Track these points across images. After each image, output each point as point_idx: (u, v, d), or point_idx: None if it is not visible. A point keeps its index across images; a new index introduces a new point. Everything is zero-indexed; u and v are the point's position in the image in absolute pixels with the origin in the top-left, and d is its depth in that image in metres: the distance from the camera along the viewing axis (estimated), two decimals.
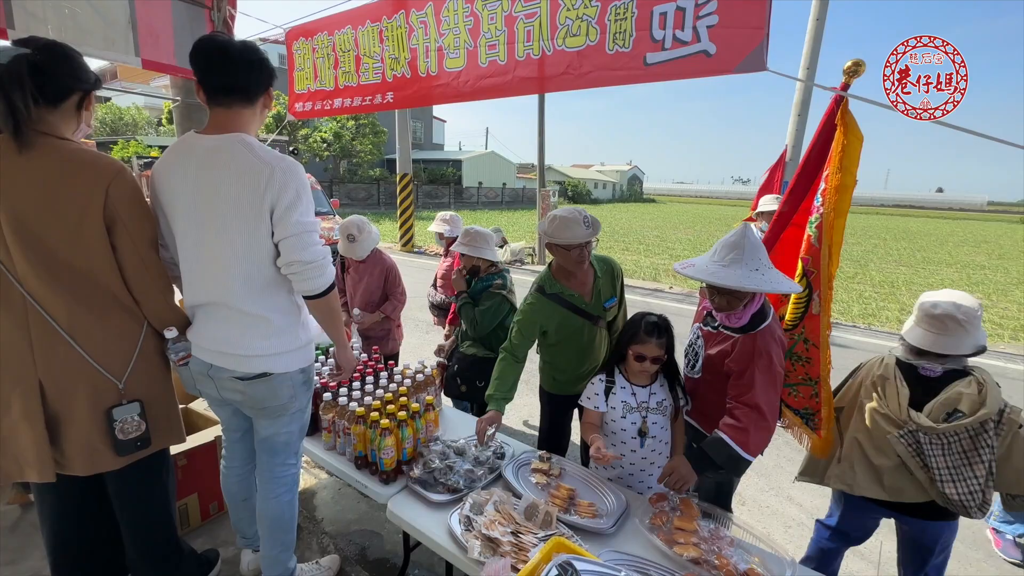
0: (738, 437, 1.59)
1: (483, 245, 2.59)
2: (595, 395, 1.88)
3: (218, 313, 1.52)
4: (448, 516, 1.58)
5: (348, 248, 2.91)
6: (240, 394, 1.57)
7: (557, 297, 2.10)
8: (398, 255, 11.30)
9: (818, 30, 6.14)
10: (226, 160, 1.42)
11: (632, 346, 1.79)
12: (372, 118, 23.74)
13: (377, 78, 2.84)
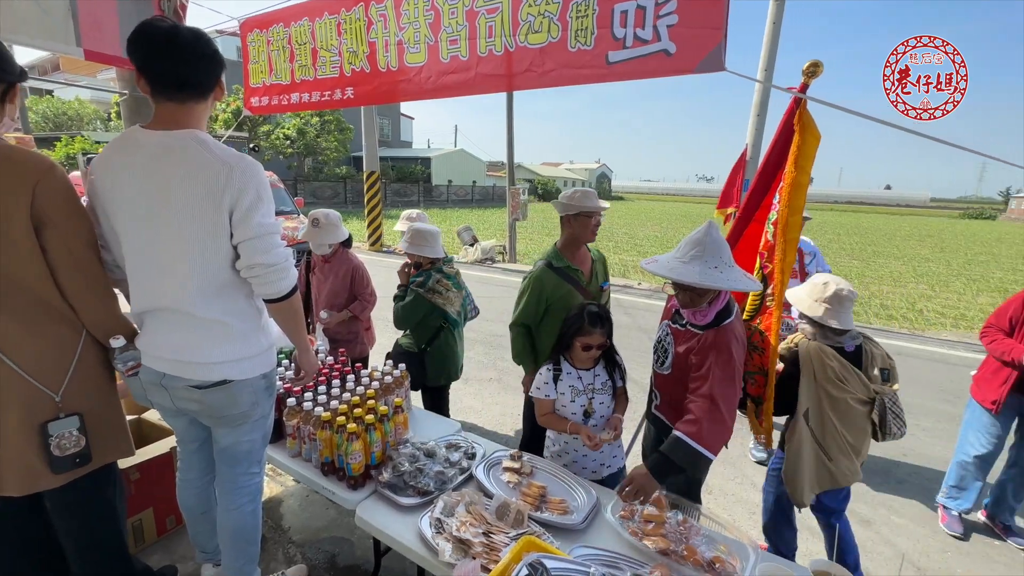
0: (690, 429, 1.60)
1: (421, 243, 2.62)
2: (545, 384, 1.95)
3: (171, 319, 1.43)
4: (419, 519, 1.56)
5: (310, 234, 2.83)
6: (197, 403, 1.49)
7: (563, 272, 2.29)
8: (367, 255, 11.08)
9: (774, 33, 6.35)
10: (179, 159, 1.33)
11: (579, 337, 1.87)
12: (337, 114, 23.18)
13: (335, 72, 2.77)
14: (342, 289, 2.93)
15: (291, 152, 22.18)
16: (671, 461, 1.61)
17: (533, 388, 2.00)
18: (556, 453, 2.05)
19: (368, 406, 1.85)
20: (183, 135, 1.36)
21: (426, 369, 2.76)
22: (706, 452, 1.59)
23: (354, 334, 3.03)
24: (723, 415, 1.62)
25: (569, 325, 1.91)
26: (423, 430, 2.15)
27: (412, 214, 3.57)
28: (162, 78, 1.35)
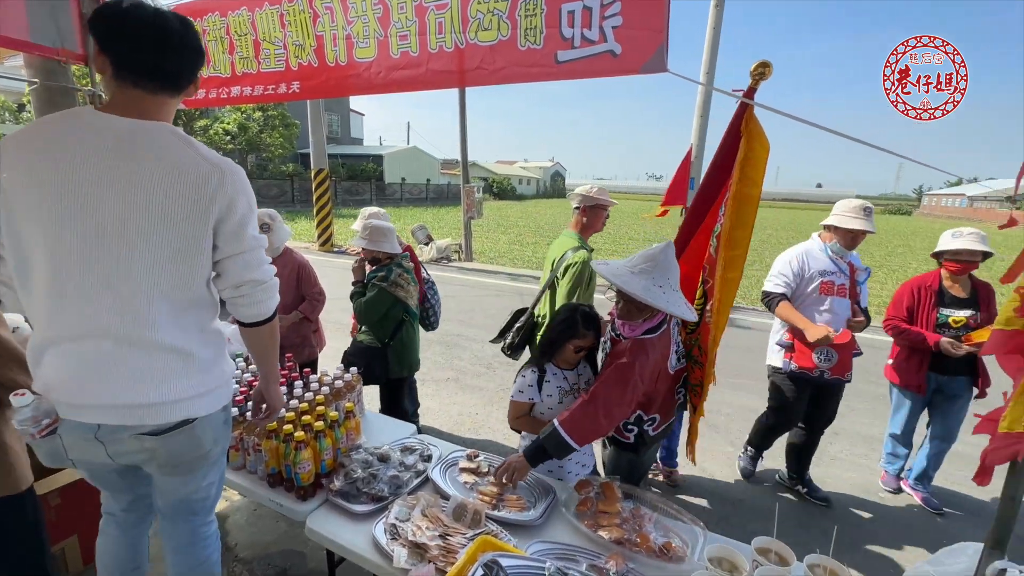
0: (562, 417, 1.66)
1: (379, 239, 2.62)
2: (528, 387, 1.93)
3: (113, 353, 1.15)
4: (372, 526, 1.52)
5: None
6: (148, 453, 1.26)
7: (589, 251, 2.56)
8: (317, 255, 10.68)
9: (715, 38, 6.66)
10: (156, 153, 1.13)
11: (573, 340, 1.84)
12: (282, 109, 22.16)
13: (280, 66, 2.64)
14: (288, 289, 2.81)
15: (231, 148, 20.99)
16: (542, 447, 1.67)
17: (515, 391, 1.94)
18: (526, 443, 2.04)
19: (318, 412, 1.78)
20: (157, 127, 1.17)
21: (389, 363, 2.77)
22: (569, 440, 1.62)
23: (303, 337, 2.92)
24: (596, 412, 1.65)
25: (562, 328, 1.86)
26: (377, 434, 2.10)
27: (372, 211, 3.45)
28: (139, 65, 1.15)
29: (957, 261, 2.64)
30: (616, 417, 1.72)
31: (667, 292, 1.67)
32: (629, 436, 1.95)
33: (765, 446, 3.12)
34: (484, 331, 5.99)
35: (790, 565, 1.37)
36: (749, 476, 3.16)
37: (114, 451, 1.25)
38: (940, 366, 2.70)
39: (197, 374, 1.26)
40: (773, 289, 2.72)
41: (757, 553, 1.39)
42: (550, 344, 1.90)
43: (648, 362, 1.72)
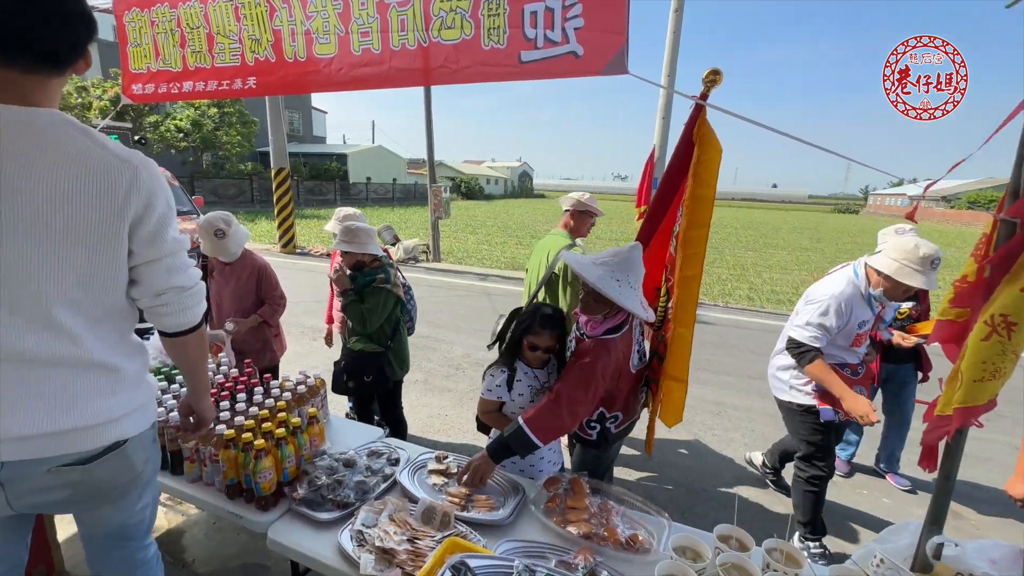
0: (526, 415, 1.68)
1: (366, 240, 2.54)
2: (497, 386, 1.92)
3: (24, 375, 1.01)
4: (338, 534, 1.48)
5: (216, 247, 2.57)
6: (70, 487, 1.11)
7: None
8: (278, 257, 10.34)
9: (675, 42, 6.84)
10: (54, 147, 0.98)
11: (527, 337, 1.85)
12: (239, 106, 21.31)
13: (235, 60, 2.54)
14: (247, 293, 2.70)
15: (185, 146, 20.04)
16: (507, 444, 1.69)
17: (484, 389, 1.94)
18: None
19: (279, 419, 1.72)
20: (47, 116, 1.00)
21: (392, 367, 2.74)
22: (534, 438, 1.65)
23: (263, 342, 2.82)
24: (561, 410, 1.68)
25: (520, 323, 1.89)
26: (343, 440, 2.05)
27: (349, 213, 3.31)
28: (10, 38, 0.96)
29: None
30: (579, 415, 1.74)
31: (623, 287, 1.70)
32: (592, 433, 1.98)
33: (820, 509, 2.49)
34: (453, 332, 5.95)
35: (749, 550, 1.42)
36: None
37: (17, 494, 1.07)
38: (888, 355, 2.89)
39: (126, 390, 1.15)
40: (809, 342, 2.25)
41: (719, 540, 1.44)
42: (512, 342, 1.92)
43: (610, 361, 1.75)
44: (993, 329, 1.36)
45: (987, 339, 1.37)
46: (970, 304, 1.45)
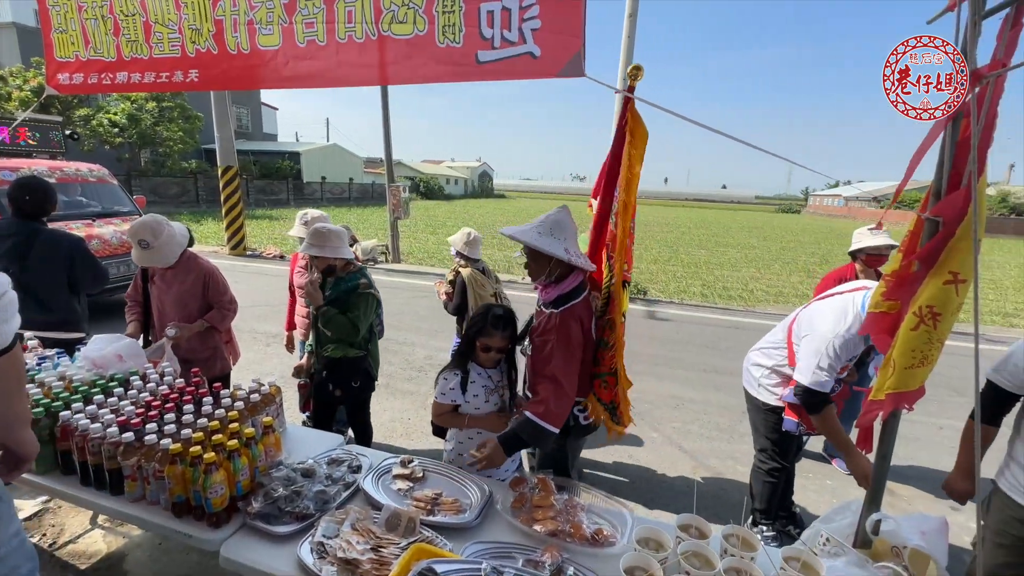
0: (537, 410, 1.76)
1: (339, 244, 2.44)
2: (451, 389, 1.91)
3: None
4: (297, 547, 1.42)
5: (143, 257, 2.41)
6: None
7: None
8: (228, 259, 9.84)
9: (629, 47, 7.02)
10: None
11: (480, 339, 1.86)
12: (181, 100, 20.08)
13: (176, 51, 2.39)
14: (192, 298, 2.55)
15: (121, 142, 18.70)
16: (520, 438, 1.76)
17: (438, 393, 1.93)
18: (450, 457, 2.02)
19: (231, 430, 1.64)
20: None
21: (371, 372, 2.71)
22: (551, 428, 1.76)
23: (212, 349, 2.66)
24: (566, 392, 1.80)
25: (475, 328, 1.88)
26: (301, 449, 1.98)
27: (316, 215, 3.14)
28: None
29: (879, 255, 2.96)
30: (576, 384, 1.85)
31: (555, 240, 1.83)
32: None
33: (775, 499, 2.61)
34: (414, 334, 5.86)
35: (708, 537, 1.48)
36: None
37: None
38: None
39: None
40: (817, 388, 2.11)
41: (679, 530, 1.48)
42: (466, 345, 1.92)
43: (577, 330, 1.87)
44: (921, 320, 1.47)
45: (916, 329, 1.48)
46: (899, 297, 1.57)
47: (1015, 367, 1.71)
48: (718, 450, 3.59)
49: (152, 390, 1.94)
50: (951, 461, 3.74)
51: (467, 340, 1.91)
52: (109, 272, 5.38)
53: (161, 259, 2.42)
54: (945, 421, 4.16)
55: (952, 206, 1.37)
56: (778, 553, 1.42)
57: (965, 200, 1.36)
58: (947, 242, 1.40)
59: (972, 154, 1.26)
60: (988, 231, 29.77)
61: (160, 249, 2.39)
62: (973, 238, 1.31)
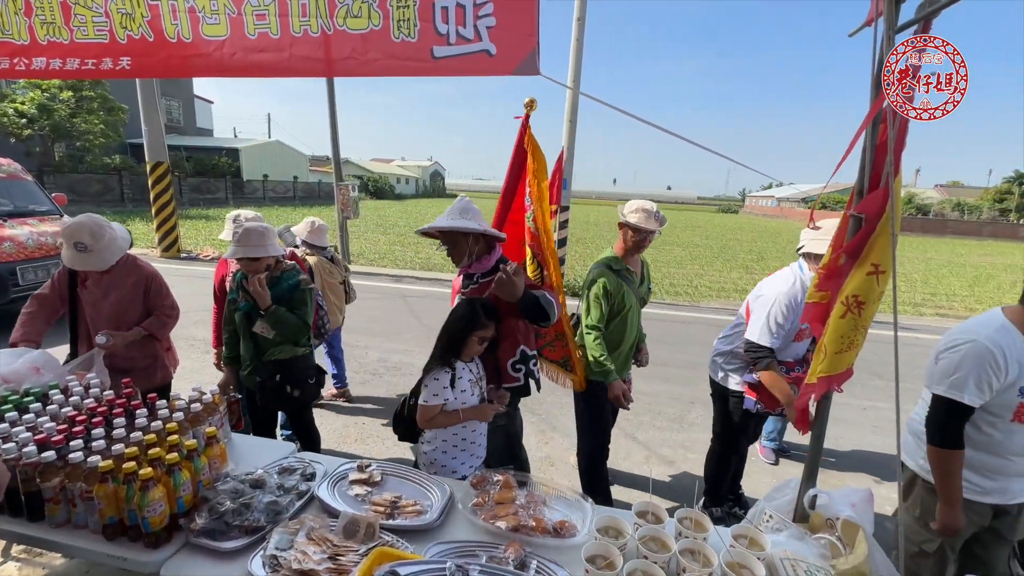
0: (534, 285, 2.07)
1: (273, 239, 2.35)
2: (443, 389, 1.89)
3: None
4: (248, 562, 1.35)
5: (77, 260, 2.19)
6: None
7: (622, 273, 2.56)
8: (160, 263, 9.16)
9: (579, 49, 7.18)
10: None
11: (477, 331, 1.88)
12: (102, 89, 18.46)
13: (102, 36, 2.20)
14: (131, 306, 2.34)
15: (30, 134, 16.93)
16: (539, 302, 1.94)
17: (428, 396, 1.88)
18: (431, 459, 1.98)
19: (170, 442, 1.53)
20: None
21: (320, 367, 2.68)
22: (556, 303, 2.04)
23: (152, 358, 2.46)
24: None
25: (465, 321, 1.88)
26: (249, 459, 1.87)
27: (243, 215, 2.95)
28: None
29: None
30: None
31: (468, 221, 2.03)
32: (518, 376, 2.11)
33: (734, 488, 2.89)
34: (367, 336, 5.70)
35: (664, 522, 1.54)
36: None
37: None
38: None
39: None
40: (763, 342, 2.37)
41: (637, 517, 1.53)
42: (454, 341, 1.90)
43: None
44: (848, 308, 1.60)
45: (844, 317, 1.61)
46: (830, 288, 1.70)
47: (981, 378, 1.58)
48: (669, 439, 3.74)
49: (76, 404, 1.77)
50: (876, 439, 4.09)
51: (457, 337, 1.90)
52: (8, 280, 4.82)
53: (98, 264, 2.21)
54: (868, 403, 4.55)
55: (873, 203, 1.50)
56: (727, 532, 1.50)
57: (884, 198, 1.49)
58: (869, 237, 1.53)
59: (889, 156, 1.39)
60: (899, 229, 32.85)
61: (100, 253, 2.19)
62: (891, 232, 1.44)
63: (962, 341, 1.64)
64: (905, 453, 1.86)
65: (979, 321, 1.70)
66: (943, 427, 1.66)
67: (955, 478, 1.66)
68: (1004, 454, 1.68)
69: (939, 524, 1.69)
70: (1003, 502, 1.71)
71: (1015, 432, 1.64)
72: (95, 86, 18.13)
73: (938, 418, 1.67)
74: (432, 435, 1.99)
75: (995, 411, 1.64)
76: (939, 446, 1.66)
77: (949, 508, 1.68)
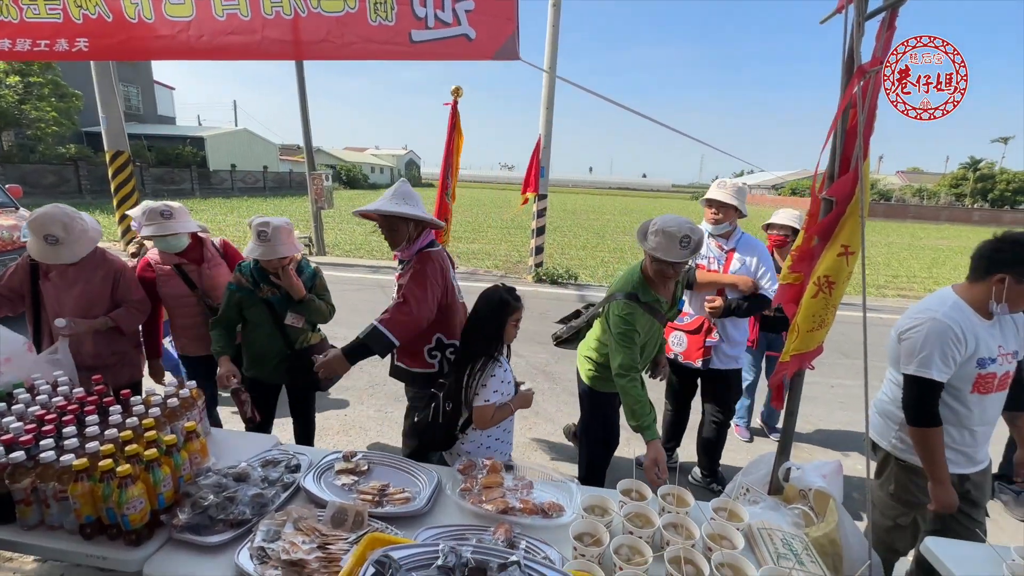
0: (382, 318, 1.94)
1: (293, 236, 2.32)
2: (503, 384, 1.91)
3: None
4: (235, 555, 1.33)
5: (49, 253, 2.09)
6: None
7: (649, 306, 2.07)
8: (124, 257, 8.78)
9: (555, 35, 7.14)
10: None
11: (513, 317, 1.93)
12: (53, 75, 17.44)
13: (56, 16, 2.08)
14: (99, 299, 2.24)
15: None
16: (365, 345, 1.91)
17: (491, 394, 1.86)
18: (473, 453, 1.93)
19: (148, 438, 1.49)
20: None
21: None
22: (390, 336, 1.91)
23: (120, 355, 2.37)
24: (411, 308, 1.95)
25: (500, 310, 1.91)
26: (231, 453, 1.84)
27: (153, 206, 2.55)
28: None
29: (780, 234, 3.21)
30: (423, 313, 1.98)
31: (401, 205, 2.01)
32: (433, 363, 2.16)
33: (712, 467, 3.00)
34: (345, 328, 5.59)
35: (647, 499, 1.59)
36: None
37: None
38: (767, 325, 3.27)
39: None
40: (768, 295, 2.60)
41: (622, 494, 1.58)
42: (494, 332, 1.91)
43: (435, 266, 2.05)
44: (819, 288, 1.66)
45: (816, 296, 1.68)
46: (802, 270, 1.76)
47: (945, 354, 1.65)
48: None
49: (44, 403, 1.71)
50: (843, 415, 4.27)
51: (495, 327, 1.90)
52: None
53: (68, 257, 2.11)
54: (836, 380, 4.75)
55: (843, 187, 1.55)
56: (708, 505, 1.56)
57: (853, 182, 1.55)
58: (840, 219, 1.59)
59: (859, 140, 1.44)
60: None
61: (71, 245, 2.09)
62: (860, 215, 1.50)
63: (922, 320, 1.71)
64: (875, 432, 1.93)
65: (933, 300, 1.77)
66: (918, 406, 1.71)
67: (939, 455, 1.69)
68: (968, 425, 1.76)
69: (935, 504, 1.71)
70: (970, 470, 1.80)
71: (974, 403, 1.74)
72: (45, 71, 17.13)
73: (912, 398, 1.72)
74: (476, 434, 1.96)
75: (956, 384, 1.72)
76: (918, 425, 1.71)
77: (941, 486, 1.69)
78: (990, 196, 42.15)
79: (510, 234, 15.02)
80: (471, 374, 1.88)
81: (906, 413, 1.74)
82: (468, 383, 1.88)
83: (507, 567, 0.99)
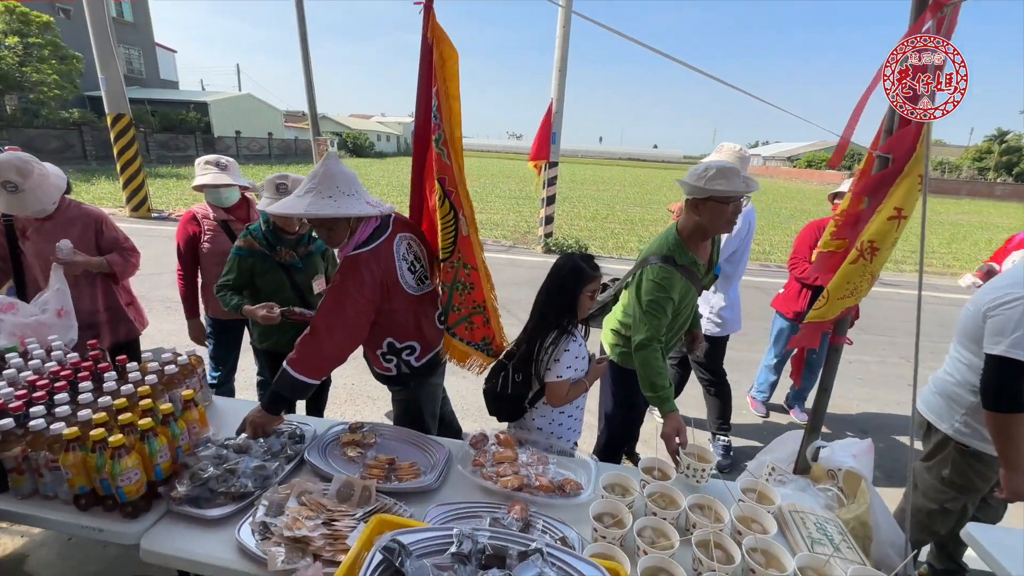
0: (290, 358, 1.59)
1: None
2: (582, 358, 1.79)
3: None
4: (236, 530, 1.27)
5: (11, 204, 1.97)
6: None
7: (687, 269, 1.88)
8: (130, 223, 8.72)
9: None
10: None
11: (588, 287, 1.73)
12: (52, 36, 17.01)
13: None
14: (86, 249, 2.13)
15: None
16: (278, 392, 1.59)
17: (564, 370, 1.72)
18: (545, 435, 1.83)
19: (143, 407, 1.41)
20: None
21: None
22: (300, 377, 1.57)
23: (113, 311, 2.28)
24: (320, 342, 1.60)
25: (574, 280, 1.72)
26: (232, 422, 1.76)
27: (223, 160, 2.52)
28: None
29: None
30: (344, 340, 1.64)
31: (338, 199, 1.58)
32: (390, 367, 1.87)
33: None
34: None
35: (671, 478, 1.49)
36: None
37: None
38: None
39: None
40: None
41: (644, 473, 1.49)
42: (570, 302, 1.73)
43: (363, 278, 1.64)
44: (861, 253, 1.52)
45: (855, 262, 1.53)
46: (847, 235, 1.61)
47: None
48: None
49: (36, 368, 1.63)
50: (860, 391, 4.14)
51: (569, 298, 1.72)
52: None
53: (34, 204, 1.99)
54: (855, 356, 4.62)
55: (903, 140, 1.39)
56: (736, 485, 1.47)
57: (915, 137, 1.38)
58: (895, 178, 1.43)
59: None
60: None
61: (33, 192, 1.97)
62: (924, 170, 1.34)
63: (1016, 296, 1.49)
64: (933, 414, 1.80)
65: None
66: (1003, 390, 1.52)
67: (1018, 441, 1.52)
68: None
69: (1007, 492, 1.58)
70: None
71: None
72: (44, 31, 16.70)
73: (997, 381, 1.53)
74: (547, 409, 1.83)
75: None
76: (1000, 411, 1.52)
77: (1016, 474, 1.55)
78: (1015, 170, 40.74)
79: (518, 204, 14.75)
80: (542, 348, 1.74)
81: (985, 397, 1.55)
82: (539, 356, 1.74)
83: (528, 555, 0.89)
